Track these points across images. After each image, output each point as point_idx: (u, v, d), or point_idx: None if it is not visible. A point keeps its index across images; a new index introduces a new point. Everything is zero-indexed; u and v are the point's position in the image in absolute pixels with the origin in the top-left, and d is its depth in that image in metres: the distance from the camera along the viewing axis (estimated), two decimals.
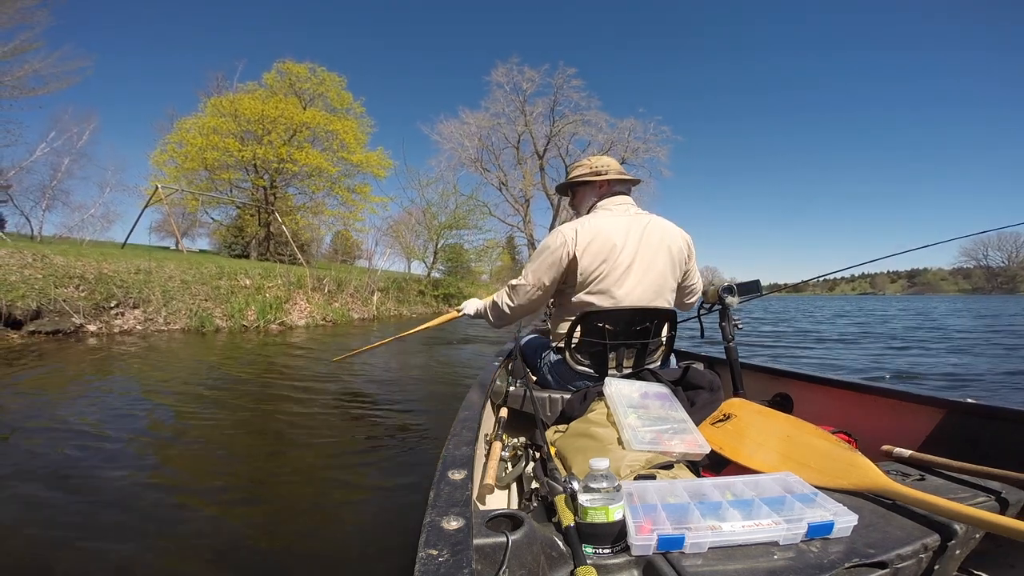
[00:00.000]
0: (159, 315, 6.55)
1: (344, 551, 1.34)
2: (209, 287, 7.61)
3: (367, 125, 18.57)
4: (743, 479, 0.76)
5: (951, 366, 4.97)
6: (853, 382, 1.36)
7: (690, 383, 1.26)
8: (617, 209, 1.47)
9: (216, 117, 15.11)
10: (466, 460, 0.73)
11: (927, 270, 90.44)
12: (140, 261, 7.40)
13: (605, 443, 1.00)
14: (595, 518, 0.61)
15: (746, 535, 0.62)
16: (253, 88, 17.20)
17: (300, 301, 8.94)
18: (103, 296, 6.13)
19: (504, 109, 26.08)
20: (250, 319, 7.51)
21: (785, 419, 1.06)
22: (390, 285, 12.15)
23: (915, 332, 9.18)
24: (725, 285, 1.56)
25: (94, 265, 6.58)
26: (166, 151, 15.69)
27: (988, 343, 7.20)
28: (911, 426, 1.16)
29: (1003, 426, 0.99)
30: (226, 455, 2.11)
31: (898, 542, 0.63)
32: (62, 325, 5.53)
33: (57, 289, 5.74)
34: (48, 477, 1.77)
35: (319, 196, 17.78)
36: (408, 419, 2.71)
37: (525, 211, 27.14)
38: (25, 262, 5.95)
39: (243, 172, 16.32)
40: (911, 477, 0.86)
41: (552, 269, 1.43)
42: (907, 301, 42.12)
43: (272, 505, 1.65)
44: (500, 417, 1.39)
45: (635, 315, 1.39)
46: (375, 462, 2.05)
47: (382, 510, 1.60)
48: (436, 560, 0.46)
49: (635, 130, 25.02)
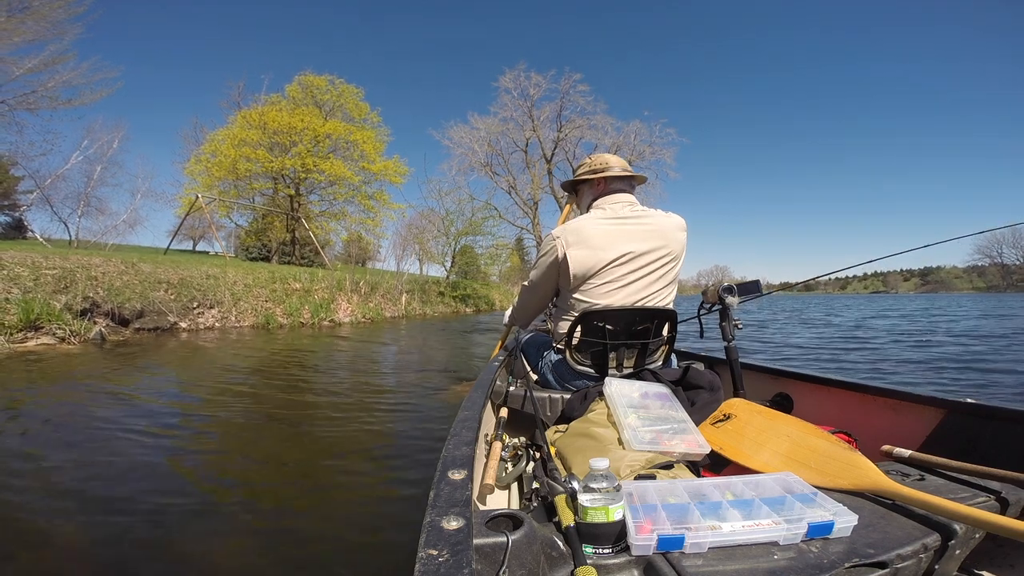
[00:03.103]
0: (231, 314, 7.70)
1: (344, 551, 1.34)
2: (267, 290, 8.72)
3: (384, 134, 19.34)
4: (743, 479, 0.76)
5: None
6: (853, 382, 1.36)
7: (690, 383, 1.26)
8: (612, 208, 1.46)
9: (246, 129, 15.77)
10: (466, 460, 0.73)
11: (941, 268, 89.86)
12: (206, 268, 8.35)
13: (605, 443, 1.00)
14: (595, 518, 0.61)
15: (746, 535, 0.62)
16: (277, 100, 17.95)
17: (343, 302, 10.02)
18: (188, 298, 7.17)
19: (512, 114, 26.49)
20: (306, 317, 8.75)
21: (785, 419, 1.06)
22: (414, 287, 13.24)
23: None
24: (725, 285, 1.56)
25: (174, 272, 7.52)
26: (200, 161, 16.26)
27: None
28: (911, 426, 1.16)
29: (1003, 426, 0.99)
30: (233, 453, 2.11)
31: (898, 542, 0.63)
32: (160, 323, 6.57)
33: (153, 293, 6.75)
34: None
35: (340, 203, 18.63)
36: (408, 418, 2.71)
37: (534, 213, 27.73)
38: (120, 270, 6.80)
39: (271, 181, 17.08)
40: (911, 477, 0.86)
41: (546, 270, 1.46)
42: (923, 299, 40.49)
43: (271, 505, 1.65)
44: (500, 417, 1.39)
45: (635, 315, 1.39)
46: (375, 462, 2.05)
47: (382, 509, 1.61)
48: (436, 560, 0.46)
49: (641, 133, 25.35)
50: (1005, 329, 8.46)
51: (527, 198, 27.28)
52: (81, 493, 1.65)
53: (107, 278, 6.39)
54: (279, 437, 2.35)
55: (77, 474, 1.82)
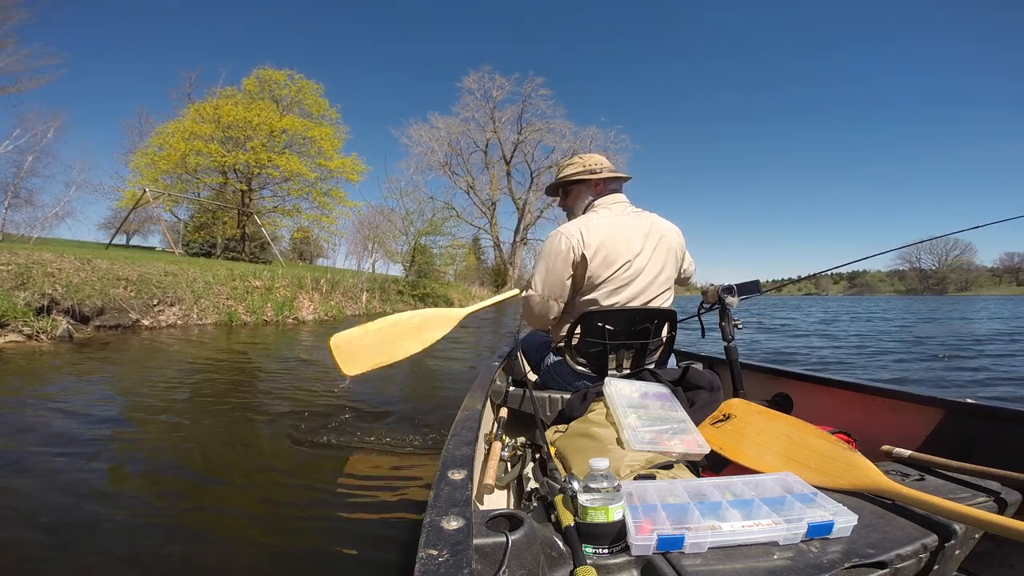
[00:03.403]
0: (192, 311, 7.49)
1: (344, 551, 1.34)
2: (227, 287, 8.56)
3: (343, 132, 19.21)
4: (743, 479, 0.76)
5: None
6: (853, 382, 1.36)
7: (690, 383, 1.26)
8: (616, 208, 1.46)
9: (198, 123, 15.42)
10: (466, 460, 0.73)
11: (866, 272, 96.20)
12: (162, 264, 8.20)
13: (605, 443, 1.00)
14: (595, 518, 0.61)
15: (746, 535, 0.62)
16: (233, 93, 17.58)
17: (305, 300, 9.95)
18: (148, 296, 7.04)
19: (474, 114, 27.38)
20: (269, 315, 8.67)
21: (785, 419, 1.06)
22: (374, 286, 13.22)
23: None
24: (725, 285, 1.57)
25: (132, 268, 7.38)
26: (147, 155, 15.91)
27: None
28: (911, 426, 1.16)
29: (1002, 426, 0.99)
30: (223, 448, 2.11)
31: (898, 542, 0.63)
32: (122, 320, 6.41)
33: (113, 290, 6.60)
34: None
35: (294, 199, 18.37)
36: (408, 417, 2.71)
37: (492, 214, 28.35)
38: (76, 266, 6.65)
39: (220, 175, 16.71)
40: (911, 477, 0.86)
41: (562, 274, 1.39)
42: (849, 301, 44.97)
43: (270, 503, 1.65)
44: (500, 417, 1.39)
45: (635, 315, 1.39)
46: (374, 460, 2.05)
47: (382, 510, 1.60)
48: (436, 560, 0.46)
49: (596, 138, 26.44)
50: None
51: (485, 199, 28.01)
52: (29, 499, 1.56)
53: (64, 274, 6.20)
54: (279, 436, 2.35)
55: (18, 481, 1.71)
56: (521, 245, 28.69)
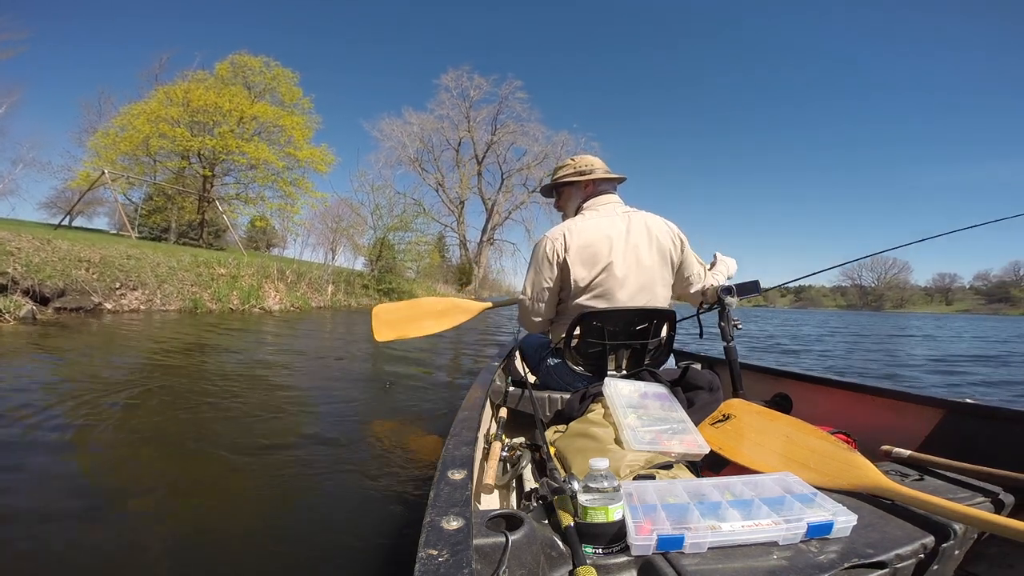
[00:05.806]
0: (156, 297, 7.43)
1: (343, 551, 1.34)
2: (192, 273, 8.54)
3: (314, 122, 18.82)
4: (743, 479, 0.76)
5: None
6: (852, 382, 1.36)
7: (689, 383, 1.27)
8: (604, 209, 1.46)
9: (166, 105, 15.04)
10: (466, 460, 0.73)
11: (811, 287, 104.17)
12: (123, 247, 8.12)
13: (604, 443, 1.00)
14: (595, 518, 0.61)
15: (746, 535, 0.62)
16: (204, 77, 17.15)
17: (270, 289, 10.03)
18: (111, 279, 6.95)
19: (449, 112, 27.51)
20: (235, 303, 8.67)
21: (784, 419, 1.06)
22: (339, 279, 13.25)
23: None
24: (724, 286, 1.57)
25: (93, 250, 7.25)
26: (108, 135, 15.40)
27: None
28: (910, 426, 1.16)
29: (1002, 426, 0.99)
30: (217, 447, 2.11)
31: (897, 542, 0.63)
32: (83, 303, 6.28)
33: (75, 271, 6.49)
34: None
35: (258, 187, 17.92)
36: (407, 416, 2.71)
37: (460, 212, 28.40)
38: (36, 245, 6.51)
39: (182, 159, 16.27)
40: (910, 477, 0.86)
41: (547, 277, 1.43)
42: (795, 314, 47.42)
43: (269, 503, 1.64)
44: (500, 417, 1.39)
45: (634, 315, 1.39)
46: (374, 460, 2.05)
47: (381, 509, 1.60)
48: (436, 560, 0.46)
49: (567, 144, 26.72)
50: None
51: (454, 197, 28.20)
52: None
53: (23, 254, 6.05)
54: (276, 434, 2.34)
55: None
56: (488, 245, 28.65)
